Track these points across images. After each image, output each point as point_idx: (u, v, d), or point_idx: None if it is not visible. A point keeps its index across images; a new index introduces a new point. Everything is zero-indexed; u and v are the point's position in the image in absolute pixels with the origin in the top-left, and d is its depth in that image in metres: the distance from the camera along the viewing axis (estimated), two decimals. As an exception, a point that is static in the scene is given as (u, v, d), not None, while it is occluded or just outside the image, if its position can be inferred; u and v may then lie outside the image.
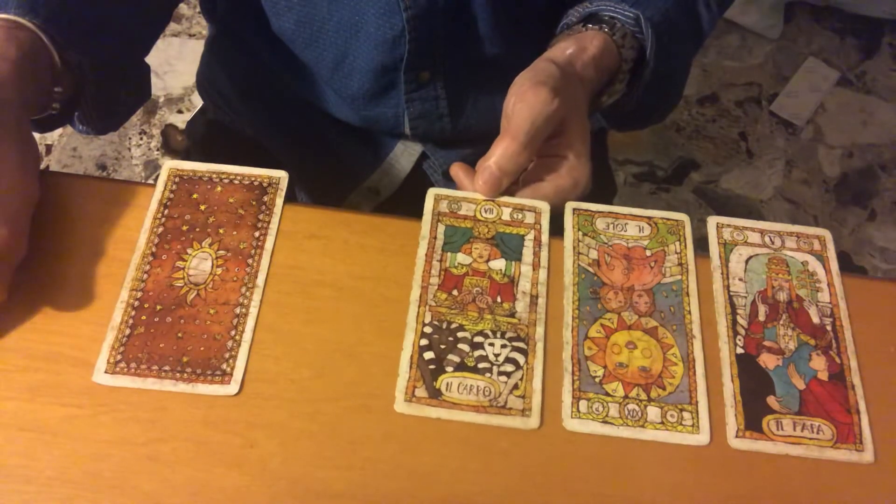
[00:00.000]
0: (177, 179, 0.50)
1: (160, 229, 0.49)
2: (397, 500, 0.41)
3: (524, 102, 0.48)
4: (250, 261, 0.48)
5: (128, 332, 0.45)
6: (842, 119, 1.62)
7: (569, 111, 0.50)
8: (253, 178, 0.51)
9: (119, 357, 0.44)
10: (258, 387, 0.44)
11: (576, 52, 0.53)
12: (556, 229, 0.50)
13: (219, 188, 0.50)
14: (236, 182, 0.51)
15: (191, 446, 0.42)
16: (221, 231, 0.49)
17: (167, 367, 0.44)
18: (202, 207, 0.50)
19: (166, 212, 0.49)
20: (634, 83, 0.58)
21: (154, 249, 0.48)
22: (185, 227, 0.49)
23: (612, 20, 0.55)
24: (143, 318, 0.46)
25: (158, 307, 0.46)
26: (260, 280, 0.47)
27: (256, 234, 0.49)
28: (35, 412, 0.43)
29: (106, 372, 0.44)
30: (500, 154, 0.49)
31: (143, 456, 0.41)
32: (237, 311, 0.46)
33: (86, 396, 0.43)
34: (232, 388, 0.44)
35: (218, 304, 0.46)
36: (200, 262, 0.48)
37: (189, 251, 0.48)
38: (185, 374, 0.44)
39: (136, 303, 0.46)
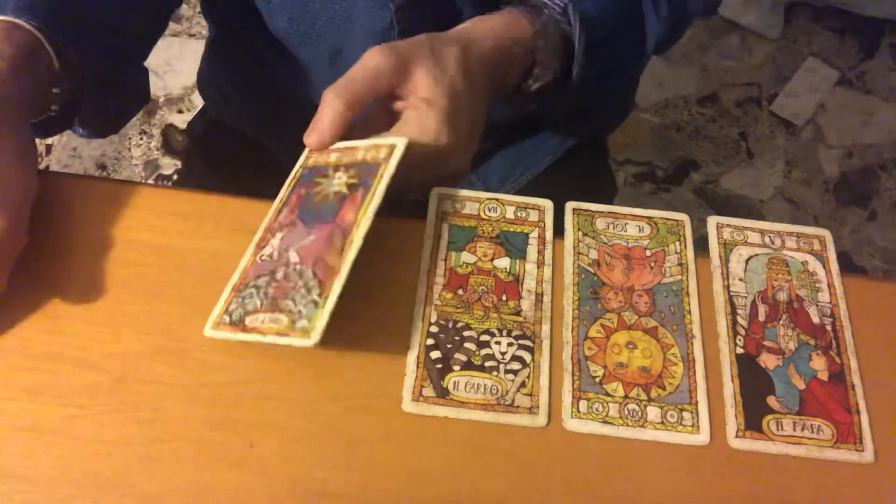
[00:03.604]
0: None
1: None
2: (397, 500, 0.41)
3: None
4: (250, 261, 0.48)
5: None
6: (842, 119, 1.62)
7: (414, 61, 0.48)
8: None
9: None
10: (258, 387, 0.44)
11: (470, 24, 0.53)
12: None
13: None
14: None
15: (191, 446, 0.42)
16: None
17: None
18: None
19: None
20: (566, 81, 0.57)
21: None
22: None
23: (535, 5, 0.54)
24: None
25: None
26: (260, 280, 0.47)
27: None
28: (35, 412, 0.43)
29: None
30: (320, 105, 0.48)
31: (143, 456, 0.41)
32: (237, 311, 0.46)
33: (86, 396, 0.43)
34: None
35: (218, 304, 0.46)
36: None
37: None
38: (185, 374, 0.44)
39: None
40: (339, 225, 0.44)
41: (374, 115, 0.51)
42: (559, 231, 0.50)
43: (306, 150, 0.51)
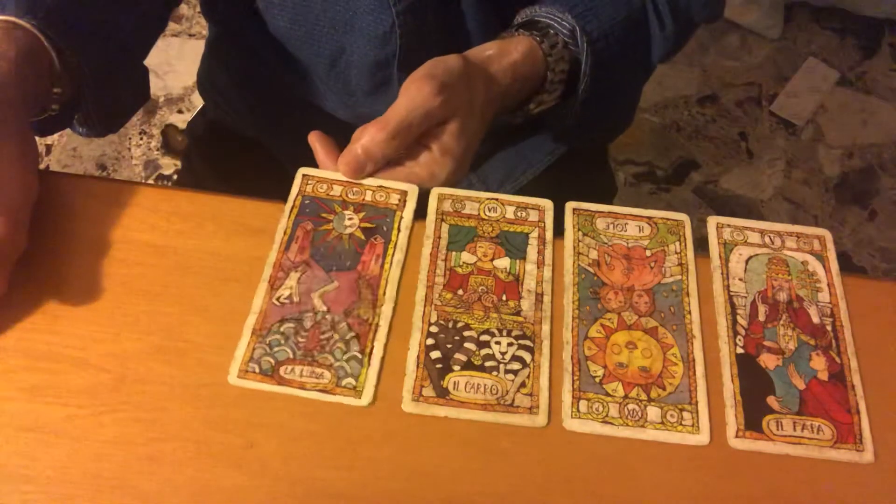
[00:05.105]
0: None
1: None
2: (397, 500, 0.41)
3: (406, 92, 0.48)
4: (250, 261, 0.48)
5: None
6: (842, 119, 1.62)
7: (456, 110, 0.49)
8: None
9: None
10: (259, 387, 0.44)
11: (495, 54, 0.53)
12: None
13: None
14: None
15: (191, 446, 0.42)
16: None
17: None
18: None
19: None
20: (570, 97, 0.58)
21: None
22: None
23: (547, 28, 0.55)
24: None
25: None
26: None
27: (256, 234, 0.49)
28: (35, 412, 0.42)
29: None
30: (367, 139, 0.48)
31: (143, 456, 0.41)
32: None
33: (86, 396, 0.43)
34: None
35: (218, 305, 0.46)
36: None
37: None
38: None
39: None
40: (363, 275, 0.47)
41: None
42: (559, 231, 0.50)
43: (300, 177, 0.51)
